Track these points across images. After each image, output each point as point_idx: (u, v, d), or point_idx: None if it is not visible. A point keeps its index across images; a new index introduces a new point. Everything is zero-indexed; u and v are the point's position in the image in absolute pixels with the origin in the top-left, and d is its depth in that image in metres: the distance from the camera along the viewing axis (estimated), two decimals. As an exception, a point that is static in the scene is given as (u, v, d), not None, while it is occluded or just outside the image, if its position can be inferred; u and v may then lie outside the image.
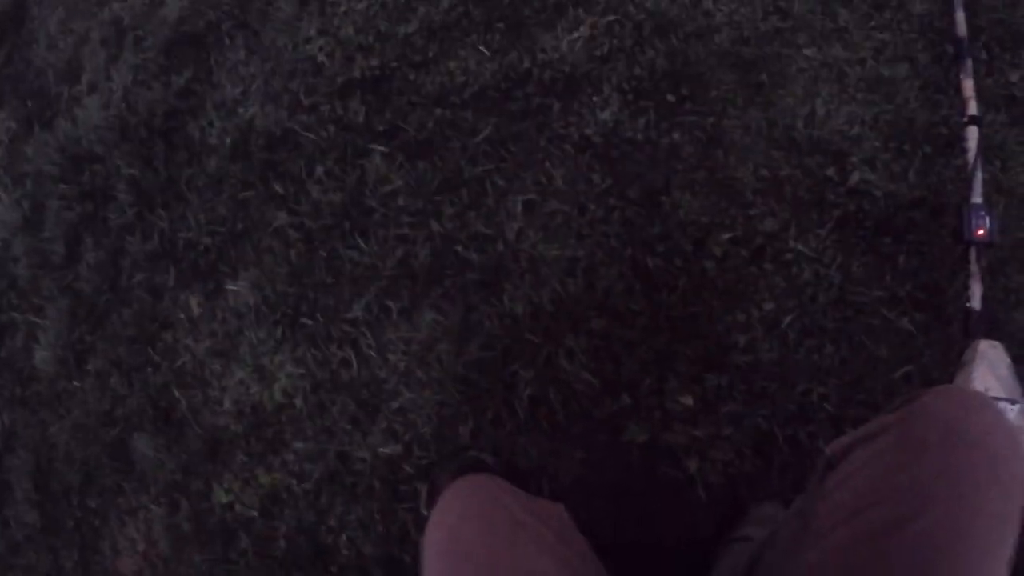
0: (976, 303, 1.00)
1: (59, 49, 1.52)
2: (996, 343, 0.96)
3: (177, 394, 1.19)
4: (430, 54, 1.15)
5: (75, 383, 1.29)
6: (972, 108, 1.09)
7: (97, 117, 1.34)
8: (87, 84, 1.43)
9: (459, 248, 1.06)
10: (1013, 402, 0.92)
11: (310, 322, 1.10)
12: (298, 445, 1.10)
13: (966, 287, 1.01)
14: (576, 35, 1.12)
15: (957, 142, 1.11)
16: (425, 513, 1.01)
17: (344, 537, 1.08)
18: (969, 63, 1.12)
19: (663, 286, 1.02)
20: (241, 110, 1.22)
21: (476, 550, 0.63)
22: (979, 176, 1.05)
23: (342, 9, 1.23)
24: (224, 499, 1.15)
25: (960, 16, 1.15)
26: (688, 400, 1.00)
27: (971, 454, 0.52)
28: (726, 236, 1.03)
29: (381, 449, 1.06)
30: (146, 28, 1.41)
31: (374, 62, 1.16)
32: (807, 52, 1.13)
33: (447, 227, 1.07)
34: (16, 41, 1.62)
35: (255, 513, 1.13)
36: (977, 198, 1.03)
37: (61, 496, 1.31)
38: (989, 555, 0.50)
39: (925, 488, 0.52)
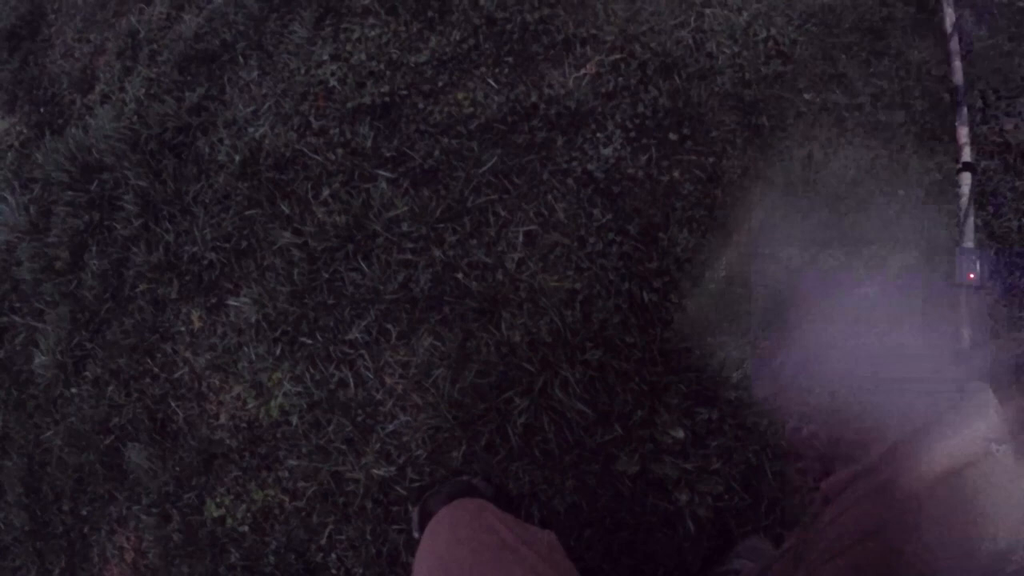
0: (966, 345, 1.02)
1: (74, 58, 1.55)
2: (983, 384, 0.98)
3: (174, 406, 1.20)
4: (439, 84, 1.18)
5: (72, 389, 1.30)
6: (966, 154, 1.12)
7: (109, 127, 1.36)
8: (100, 94, 1.46)
9: (459, 275, 1.08)
10: (1000, 443, 0.93)
11: (309, 341, 1.11)
12: (292, 462, 1.11)
13: (956, 331, 1.03)
14: (582, 72, 1.15)
15: (951, 188, 1.14)
16: (416, 536, 1.02)
17: (334, 556, 1.09)
18: (964, 111, 1.15)
19: (658, 320, 1.03)
20: (251, 129, 1.25)
21: (464, 574, 0.64)
22: (971, 221, 1.08)
23: (355, 35, 1.26)
24: (216, 513, 1.15)
25: (957, 65, 1.18)
26: (679, 433, 1.02)
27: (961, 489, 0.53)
28: (723, 274, 1.05)
29: (375, 470, 1.07)
30: (162, 42, 1.44)
31: (384, 88, 1.19)
32: (807, 96, 1.16)
33: (448, 254, 1.08)
34: (32, 47, 1.65)
35: (246, 528, 1.13)
36: (969, 242, 1.06)
37: (52, 502, 1.31)
38: None
39: (916, 525, 0.52)
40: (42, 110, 1.50)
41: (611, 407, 1.03)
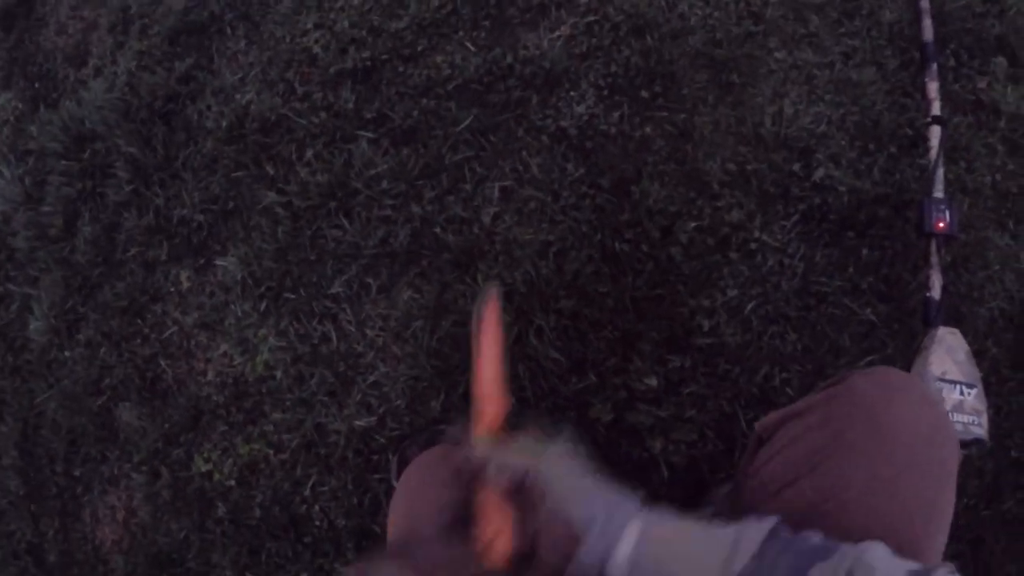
0: (936, 292, 1.04)
1: (68, 34, 1.58)
2: (955, 330, 0.99)
3: (163, 365, 1.23)
4: (419, 48, 1.21)
5: (66, 352, 1.33)
6: (936, 109, 1.14)
7: (101, 99, 1.40)
8: (93, 68, 1.49)
9: (437, 230, 1.10)
10: (971, 386, 0.95)
11: (293, 297, 1.14)
12: (277, 416, 1.14)
13: (927, 278, 1.05)
14: (557, 34, 1.18)
15: (921, 142, 1.16)
16: (395, 484, 1.04)
17: (317, 508, 1.12)
18: (935, 67, 1.17)
19: (630, 270, 1.06)
20: (238, 96, 1.28)
21: (433, 509, 0.66)
22: (940, 172, 1.10)
23: (339, 4, 1.29)
24: (203, 468, 1.18)
25: (927, 23, 1.20)
26: (652, 381, 1.04)
27: (890, 438, 0.52)
28: (693, 225, 1.08)
29: (356, 421, 1.09)
30: (152, 16, 1.47)
31: (366, 54, 1.22)
32: (778, 55, 1.19)
33: (427, 210, 1.11)
34: (27, 25, 1.69)
35: (232, 482, 1.16)
36: (939, 192, 1.08)
37: (46, 464, 1.34)
38: (908, 540, 0.49)
39: (843, 472, 0.52)
40: (37, 85, 1.54)
41: (585, 355, 1.05)
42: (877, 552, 0.41)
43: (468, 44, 1.20)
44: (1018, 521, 1.01)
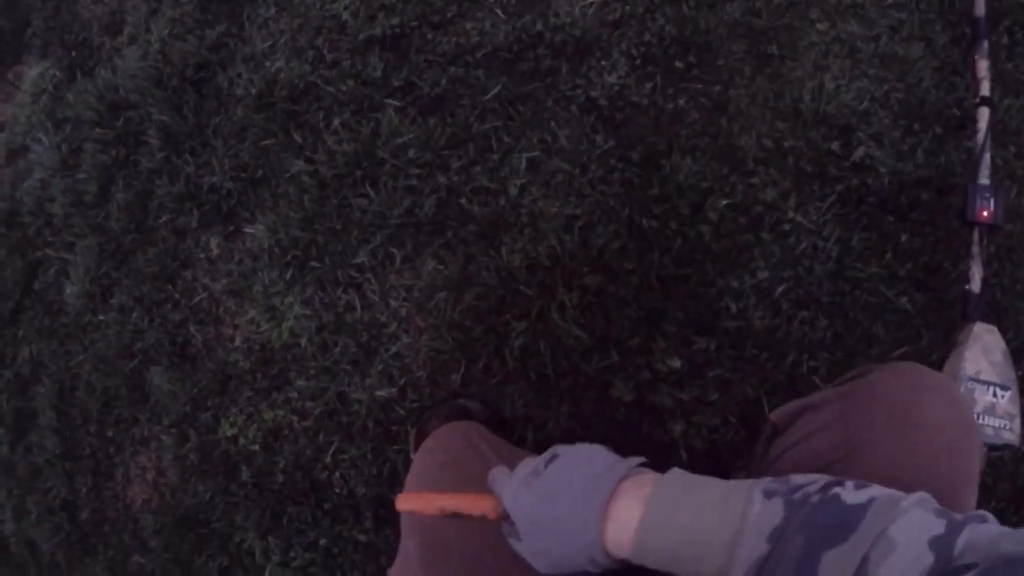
0: (976, 286, 0.99)
1: (104, 3, 1.60)
2: (992, 327, 0.95)
3: (193, 330, 1.25)
4: (448, 15, 1.19)
5: (100, 317, 1.37)
6: (985, 89, 1.08)
7: (135, 67, 1.41)
8: (128, 36, 1.51)
9: (463, 201, 1.09)
10: (1005, 388, 0.91)
11: (319, 265, 1.15)
12: (301, 383, 1.15)
13: (967, 269, 1.00)
14: (589, 0, 1.15)
15: (969, 124, 1.10)
16: (413, 457, 1.05)
17: (338, 475, 1.13)
18: (985, 44, 1.10)
19: (657, 247, 1.04)
20: (268, 63, 1.28)
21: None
22: (987, 157, 1.04)
23: (369, -29, 1.27)
24: (229, 432, 1.21)
25: (980, -4, 1.13)
26: (676, 363, 1.02)
27: (913, 441, 0.50)
28: (724, 202, 1.05)
29: (378, 391, 1.10)
30: (185, -14, 1.48)
31: (395, 21, 1.20)
32: (820, 26, 1.13)
33: (453, 180, 1.10)
34: (65, -5, 1.71)
35: (257, 447, 1.19)
36: (984, 179, 1.02)
37: (81, 425, 1.39)
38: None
39: (861, 471, 0.49)
40: (73, 54, 1.57)
41: (608, 333, 1.04)
42: (908, 519, 0.38)
43: (498, 11, 1.18)
44: (1053, 522, 0.97)
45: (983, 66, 1.09)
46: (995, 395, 0.89)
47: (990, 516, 0.38)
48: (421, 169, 1.11)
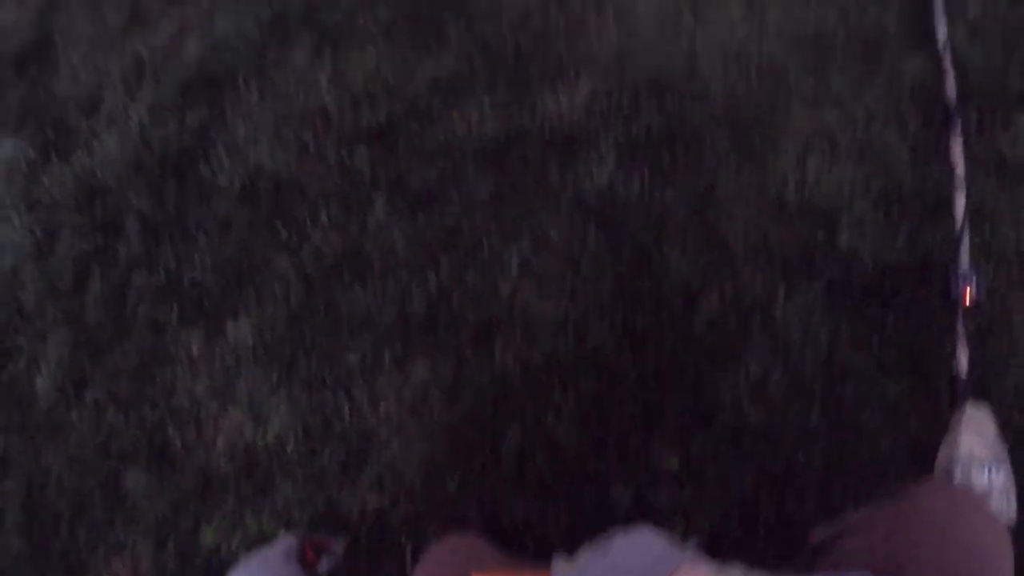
0: (963, 371, 1.01)
1: (81, 82, 1.58)
2: (982, 405, 0.97)
3: (172, 431, 1.20)
4: (435, 108, 1.20)
5: (73, 413, 1.31)
6: (960, 171, 1.11)
7: (114, 151, 1.39)
8: (106, 118, 1.48)
9: (454, 301, 1.08)
10: (999, 464, 0.92)
11: (306, 367, 1.12)
12: (287, 490, 1.11)
13: (953, 353, 1.02)
14: (576, 96, 1.16)
15: (946, 206, 1.13)
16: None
17: (329, 585, 1.08)
18: (959, 127, 1.14)
19: (651, 343, 1.03)
20: (251, 154, 1.26)
21: None
22: (966, 241, 1.07)
23: (353, 62, 1.28)
24: (211, 540, 1.15)
25: (950, 80, 1.17)
26: (674, 464, 1.01)
27: (960, 558, 0.52)
28: (715, 296, 1.05)
29: (369, 502, 1.06)
30: (165, 67, 1.46)
31: (381, 113, 1.20)
32: (799, 117, 1.16)
33: (443, 280, 1.09)
34: (39, 70, 1.68)
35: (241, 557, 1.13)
36: (964, 262, 1.05)
37: (50, 525, 1.32)
38: None
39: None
40: (49, 133, 1.53)
41: (605, 434, 1.02)
42: None
43: (486, 104, 1.19)
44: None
45: (957, 150, 1.12)
46: (990, 472, 0.91)
47: None
48: (410, 268, 1.10)
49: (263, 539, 1.11)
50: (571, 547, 1.01)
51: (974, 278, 1.02)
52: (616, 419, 1.01)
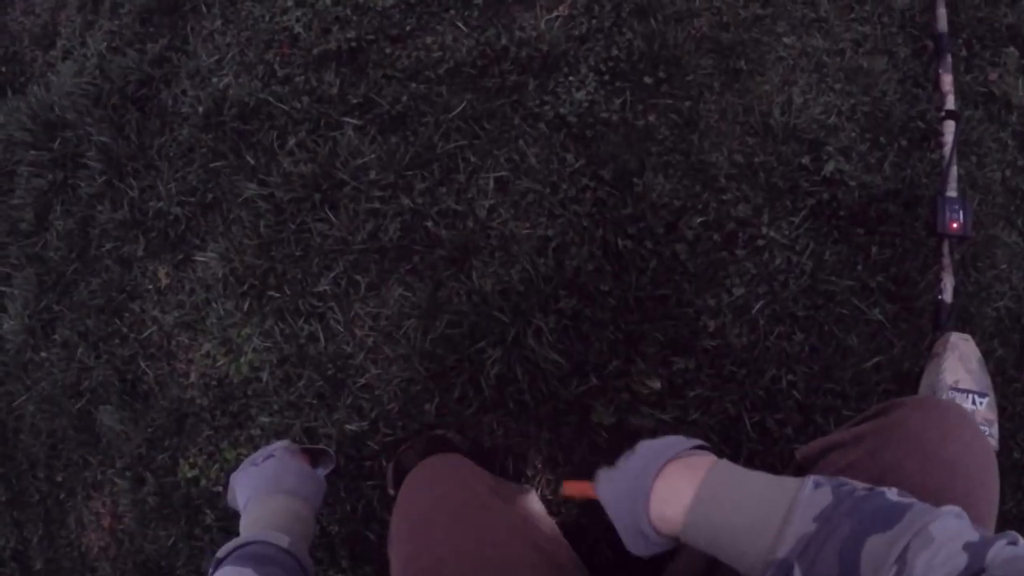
0: (947, 296, 1.00)
1: (35, 14, 1.49)
2: (967, 336, 0.96)
3: (144, 366, 1.17)
4: (407, 28, 1.14)
5: (42, 353, 1.27)
6: (950, 103, 1.09)
7: (70, 83, 1.31)
8: (62, 50, 1.40)
9: (429, 224, 1.05)
10: (983, 395, 0.92)
11: (278, 295, 1.09)
12: (264, 420, 1.09)
13: (938, 280, 1.01)
14: (555, 14, 1.11)
15: (933, 136, 1.11)
16: (392, 493, 1.00)
17: (308, 513, 1.07)
18: (949, 58, 1.12)
19: (633, 268, 1.01)
20: (215, 79, 1.20)
21: (445, 536, 0.62)
22: (954, 170, 1.05)
23: (321, -20, 1.21)
24: (189, 474, 1.14)
25: (942, 12, 1.14)
26: (656, 384, 1.00)
27: (944, 475, 0.52)
28: (698, 220, 1.03)
29: (347, 425, 1.05)
30: (124, -5, 1.38)
31: (351, 34, 1.14)
32: (786, 40, 1.12)
33: (417, 202, 1.05)
34: (-8, 5, 1.59)
35: (220, 488, 1.12)
36: (952, 192, 1.04)
37: (27, 469, 1.29)
38: None
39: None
40: (3, 69, 1.45)
41: (586, 357, 1.01)
42: (946, 522, 0.40)
43: (460, 24, 1.13)
44: (1019, 521, 0.99)
45: (947, 80, 1.10)
46: (974, 402, 0.91)
47: (1020, 538, 0.40)
48: (383, 191, 1.06)
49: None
50: (552, 470, 1.00)
51: (961, 208, 1.01)
52: (598, 342, 1.00)
